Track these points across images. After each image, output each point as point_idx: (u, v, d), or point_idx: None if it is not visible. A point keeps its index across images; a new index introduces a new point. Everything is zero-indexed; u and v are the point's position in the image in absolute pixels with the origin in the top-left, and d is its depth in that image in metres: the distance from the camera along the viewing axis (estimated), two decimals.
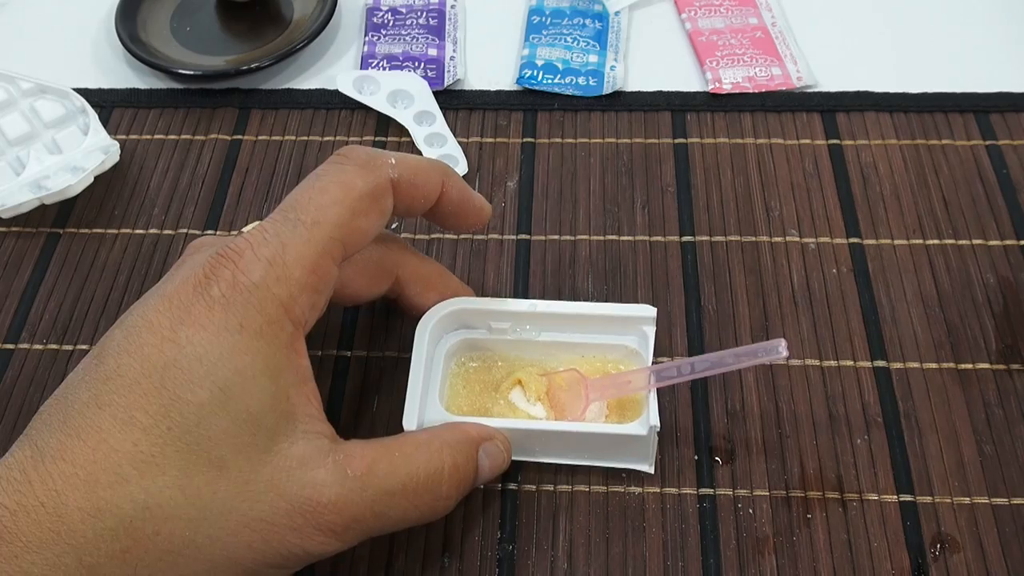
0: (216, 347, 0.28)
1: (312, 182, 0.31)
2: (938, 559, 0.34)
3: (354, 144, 0.32)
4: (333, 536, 0.29)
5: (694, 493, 0.36)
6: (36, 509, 0.26)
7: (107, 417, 0.27)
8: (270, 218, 0.30)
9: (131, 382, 0.27)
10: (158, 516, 0.27)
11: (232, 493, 0.27)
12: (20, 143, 0.47)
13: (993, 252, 0.43)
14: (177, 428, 0.27)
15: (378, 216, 0.31)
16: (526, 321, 0.37)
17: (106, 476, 0.26)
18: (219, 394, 0.27)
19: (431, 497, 0.31)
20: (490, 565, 0.34)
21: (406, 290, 0.37)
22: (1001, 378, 0.38)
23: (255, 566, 0.28)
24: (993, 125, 0.48)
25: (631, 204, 0.45)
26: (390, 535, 0.35)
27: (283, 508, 0.28)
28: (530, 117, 0.49)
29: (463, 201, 0.34)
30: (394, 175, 0.31)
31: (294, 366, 0.29)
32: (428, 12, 0.56)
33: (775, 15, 0.54)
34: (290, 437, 0.29)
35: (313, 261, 0.29)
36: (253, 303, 0.28)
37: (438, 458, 0.31)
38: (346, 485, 0.29)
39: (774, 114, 0.49)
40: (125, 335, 0.28)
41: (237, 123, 0.50)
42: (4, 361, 0.41)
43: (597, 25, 0.54)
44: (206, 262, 0.29)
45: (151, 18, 0.54)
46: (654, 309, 0.37)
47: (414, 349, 0.36)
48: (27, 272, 0.44)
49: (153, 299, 0.29)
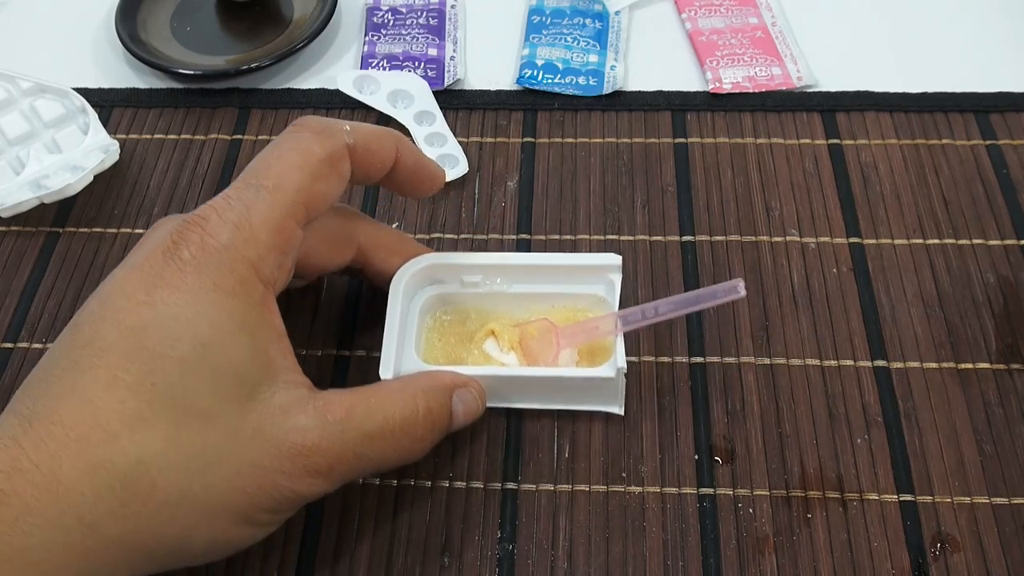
0: (191, 306, 0.28)
1: (271, 150, 0.32)
2: (938, 559, 0.34)
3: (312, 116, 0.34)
4: (320, 477, 0.30)
5: (694, 493, 0.36)
6: (31, 471, 0.26)
7: (90, 379, 0.27)
8: (232, 186, 0.31)
9: (109, 345, 0.28)
10: (152, 469, 0.27)
11: (221, 442, 0.28)
12: (20, 142, 0.47)
13: (993, 252, 0.43)
14: (161, 384, 0.28)
15: (337, 180, 0.32)
16: (496, 274, 0.39)
17: (97, 434, 0.27)
18: (199, 348, 0.28)
19: (408, 440, 0.32)
20: (490, 565, 0.34)
21: (370, 257, 0.38)
22: (1001, 378, 0.38)
23: (251, 511, 0.29)
24: (993, 125, 0.48)
25: (631, 204, 0.45)
26: (390, 535, 0.35)
27: (271, 452, 0.29)
28: (530, 117, 0.49)
29: (417, 167, 0.36)
30: (350, 141, 0.33)
31: (269, 323, 0.30)
32: (428, 12, 0.55)
33: (775, 15, 0.54)
34: (271, 387, 0.30)
35: (277, 223, 0.30)
36: (224, 263, 0.29)
37: (412, 403, 0.32)
38: (327, 429, 0.30)
39: (774, 114, 0.49)
40: (99, 304, 0.29)
41: (237, 123, 0.50)
42: (3, 360, 0.41)
43: (597, 25, 0.54)
44: (173, 230, 0.30)
45: (151, 18, 0.54)
46: (619, 257, 0.38)
47: (389, 303, 0.37)
48: (27, 271, 0.44)
49: (123, 270, 0.30)
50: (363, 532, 0.35)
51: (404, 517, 0.35)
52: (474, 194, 0.46)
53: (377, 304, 0.41)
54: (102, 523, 0.27)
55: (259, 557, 0.35)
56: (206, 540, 0.29)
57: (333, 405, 0.30)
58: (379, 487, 0.36)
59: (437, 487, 0.36)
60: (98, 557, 0.27)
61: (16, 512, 0.26)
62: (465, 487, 0.36)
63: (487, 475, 0.36)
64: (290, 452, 0.29)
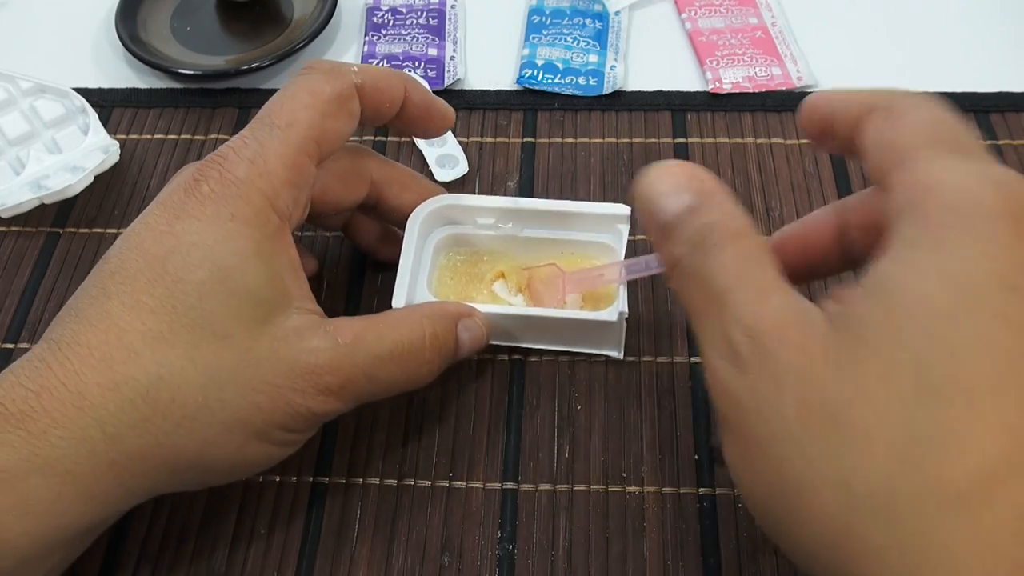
0: (211, 234, 0.30)
1: (282, 92, 0.33)
2: None
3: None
4: (332, 396, 0.31)
5: (694, 493, 0.36)
6: (58, 388, 0.28)
7: (116, 304, 0.29)
8: (247, 127, 0.33)
9: (135, 272, 0.30)
10: (172, 385, 0.29)
11: (237, 360, 0.30)
12: (20, 143, 0.47)
13: None
14: (181, 306, 0.29)
15: (347, 118, 0.34)
16: (509, 218, 0.40)
17: (120, 354, 0.29)
18: (218, 273, 0.30)
19: (416, 363, 0.33)
20: (490, 565, 0.34)
21: (384, 192, 0.39)
22: None
23: (265, 427, 0.30)
24: (993, 125, 0.48)
25: (631, 204, 0.45)
26: (389, 537, 0.35)
27: (283, 372, 0.30)
28: (530, 117, 0.49)
29: (426, 104, 0.37)
30: (358, 80, 0.34)
31: (284, 253, 0.32)
32: (428, 12, 0.56)
33: (775, 15, 0.54)
34: (285, 312, 0.31)
35: (291, 158, 0.32)
36: (241, 195, 0.31)
37: (419, 328, 0.33)
38: (338, 351, 0.31)
39: (774, 114, 0.49)
40: (125, 239, 0.31)
41: (237, 123, 0.50)
42: (4, 361, 0.41)
43: (597, 25, 0.54)
44: (194, 170, 0.32)
45: (151, 18, 0.54)
46: (628, 208, 0.39)
47: (404, 240, 0.38)
48: (27, 272, 0.44)
49: (149, 208, 0.32)
50: (363, 532, 0.35)
51: (404, 517, 0.36)
52: (475, 193, 0.46)
53: (379, 302, 0.42)
54: (125, 436, 0.28)
55: (259, 555, 0.35)
56: (225, 455, 0.30)
57: (344, 329, 0.32)
58: (379, 487, 0.36)
59: (437, 487, 0.36)
60: (122, 469, 0.29)
61: (44, 426, 0.28)
62: (465, 487, 0.36)
63: (487, 475, 0.36)
64: (302, 371, 0.30)
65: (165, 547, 0.35)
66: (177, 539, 0.35)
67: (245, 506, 0.36)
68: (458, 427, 0.38)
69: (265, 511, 0.36)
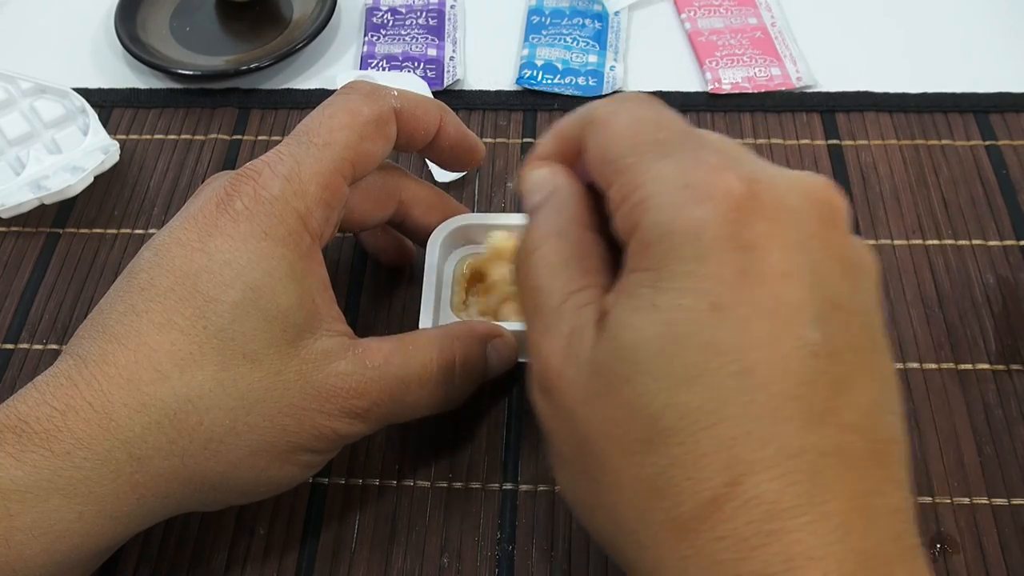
0: (244, 253, 0.29)
1: (322, 110, 0.33)
2: (937, 559, 0.34)
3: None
4: (358, 419, 0.31)
5: None
6: (84, 408, 0.28)
7: (145, 323, 0.29)
8: (284, 142, 0.32)
9: (166, 290, 0.29)
10: (200, 408, 0.28)
11: (265, 383, 0.29)
12: (20, 143, 0.47)
13: (993, 252, 0.43)
14: (212, 327, 0.29)
15: (383, 141, 0.33)
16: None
17: (148, 374, 0.28)
18: (250, 294, 0.29)
19: (445, 388, 0.33)
20: (490, 565, 0.34)
21: (411, 211, 0.38)
22: (1001, 379, 0.38)
23: (291, 450, 0.30)
24: (993, 125, 0.48)
25: None
26: (389, 538, 0.35)
27: (311, 395, 0.30)
28: (530, 117, 0.49)
29: (460, 137, 0.37)
30: (396, 105, 0.34)
31: (315, 273, 0.31)
32: (428, 12, 0.56)
33: (775, 15, 0.54)
34: (315, 334, 0.31)
35: (326, 178, 0.31)
36: (275, 214, 0.30)
37: (449, 350, 0.33)
38: (366, 375, 0.31)
39: (774, 114, 0.49)
40: (154, 253, 0.30)
41: (237, 123, 0.50)
42: (4, 361, 0.41)
43: (597, 25, 0.54)
44: (227, 183, 0.31)
45: (151, 18, 0.54)
46: None
47: (426, 261, 0.38)
48: (27, 272, 0.44)
49: (178, 221, 0.31)
50: (363, 533, 0.35)
51: (404, 517, 0.36)
52: (474, 195, 0.46)
53: (379, 302, 0.42)
54: (151, 458, 0.28)
55: (259, 556, 0.35)
56: (250, 477, 0.30)
57: (372, 352, 0.31)
58: (379, 487, 0.36)
59: (437, 487, 0.36)
60: (145, 490, 0.28)
61: (68, 446, 0.27)
62: (465, 487, 0.36)
63: (487, 475, 0.36)
64: (330, 394, 0.30)
65: (165, 548, 0.35)
66: (177, 540, 0.35)
67: (245, 507, 0.36)
68: (458, 427, 0.38)
69: (265, 511, 0.36)
